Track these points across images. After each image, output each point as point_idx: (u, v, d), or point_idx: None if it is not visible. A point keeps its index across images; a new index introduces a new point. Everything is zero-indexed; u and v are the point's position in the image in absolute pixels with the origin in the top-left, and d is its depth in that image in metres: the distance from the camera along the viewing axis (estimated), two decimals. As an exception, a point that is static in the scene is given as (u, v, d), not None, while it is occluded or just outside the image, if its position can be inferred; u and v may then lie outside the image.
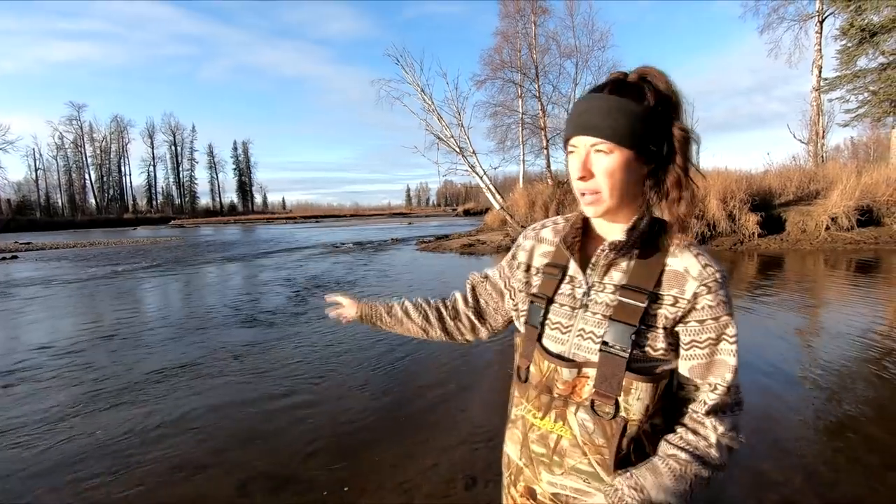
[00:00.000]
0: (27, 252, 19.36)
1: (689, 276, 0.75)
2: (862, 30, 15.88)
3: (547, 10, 22.01)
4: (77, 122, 63.77)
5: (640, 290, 0.75)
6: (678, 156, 0.74)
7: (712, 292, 0.74)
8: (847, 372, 3.51)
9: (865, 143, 29.74)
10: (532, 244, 0.95)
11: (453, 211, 64.55)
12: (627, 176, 0.74)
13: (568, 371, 0.79)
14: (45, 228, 45.32)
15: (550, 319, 0.84)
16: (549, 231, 0.93)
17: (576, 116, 0.76)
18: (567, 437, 0.79)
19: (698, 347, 0.76)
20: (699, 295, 0.74)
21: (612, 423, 0.75)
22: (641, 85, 0.74)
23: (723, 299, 0.74)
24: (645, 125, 0.72)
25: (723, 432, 0.75)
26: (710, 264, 0.75)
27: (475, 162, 17.09)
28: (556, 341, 0.82)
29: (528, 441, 0.85)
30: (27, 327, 6.03)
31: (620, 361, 0.74)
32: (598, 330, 0.78)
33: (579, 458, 0.79)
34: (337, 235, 23.59)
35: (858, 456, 2.41)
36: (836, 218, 10.74)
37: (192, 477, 2.42)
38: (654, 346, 0.75)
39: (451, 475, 2.35)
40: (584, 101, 0.76)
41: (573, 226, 0.86)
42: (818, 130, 17.49)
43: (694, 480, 0.74)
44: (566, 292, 0.84)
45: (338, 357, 4.21)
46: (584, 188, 0.76)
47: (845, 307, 5.61)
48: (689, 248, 0.77)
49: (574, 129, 0.76)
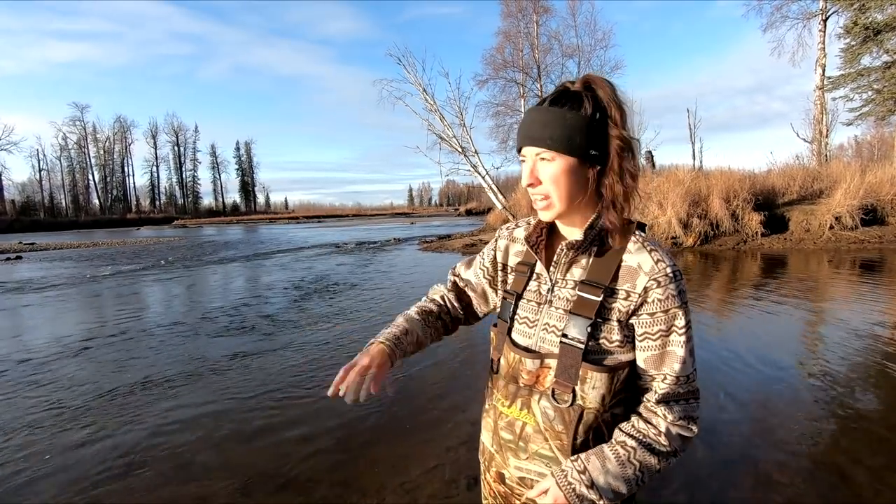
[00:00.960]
0: (31, 252, 19.44)
1: (642, 270, 0.79)
2: (866, 28, 15.81)
3: (549, 10, 22.03)
4: (80, 123, 64.07)
5: (597, 285, 0.81)
6: (614, 160, 0.78)
7: (661, 286, 0.77)
8: (852, 372, 3.49)
9: (869, 142, 29.61)
10: (506, 244, 1.01)
11: (455, 211, 64.55)
12: (573, 181, 0.80)
13: (531, 362, 0.85)
14: (48, 229, 45.52)
15: (519, 315, 0.90)
16: (521, 231, 0.99)
17: (521, 129, 0.83)
18: (531, 423, 0.85)
19: (650, 339, 0.79)
20: (649, 289, 0.78)
21: (570, 410, 0.80)
22: (582, 94, 0.79)
23: (672, 293, 0.78)
24: (583, 133, 0.77)
25: (672, 420, 0.79)
26: (661, 260, 0.79)
27: (477, 162, 17.09)
28: (524, 335, 0.89)
29: (498, 428, 0.91)
30: (24, 329, 6.05)
31: (577, 352, 0.79)
32: (559, 324, 0.83)
33: (541, 444, 0.84)
34: (339, 235, 23.61)
35: (863, 457, 2.39)
36: (840, 217, 10.68)
37: (193, 477, 2.43)
38: (609, 338, 0.80)
39: (454, 476, 2.34)
40: (527, 114, 0.83)
41: (536, 226, 0.92)
42: (822, 129, 17.41)
43: (640, 466, 0.78)
44: (533, 289, 0.90)
45: (339, 357, 4.21)
46: (535, 193, 0.83)
47: (849, 306, 5.58)
48: (644, 245, 0.81)
49: (520, 140, 0.83)
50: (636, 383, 0.84)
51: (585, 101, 0.78)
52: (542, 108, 0.81)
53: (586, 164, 0.79)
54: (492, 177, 17.63)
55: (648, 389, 0.82)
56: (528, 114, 0.83)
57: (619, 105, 0.79)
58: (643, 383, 0.82)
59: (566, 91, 0.81)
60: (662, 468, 0.80)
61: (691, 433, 0.80)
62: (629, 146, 0.79)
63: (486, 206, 28.87)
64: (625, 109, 0.79)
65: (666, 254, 0.81)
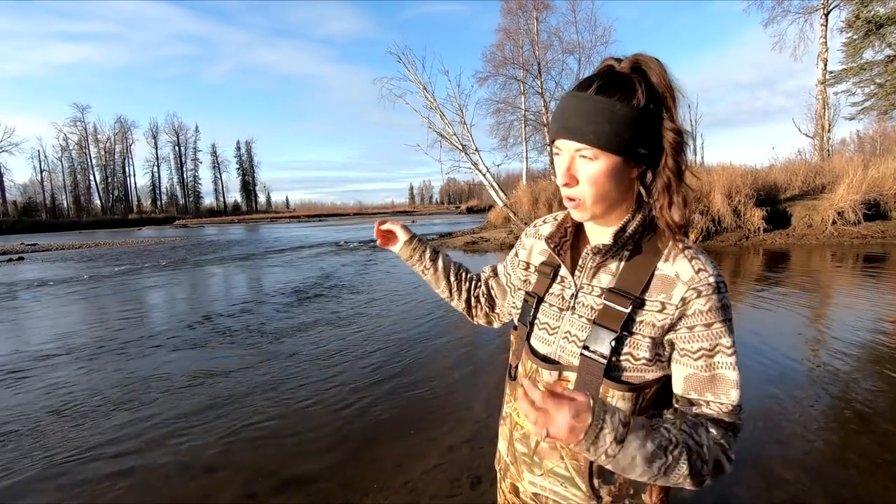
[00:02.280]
0: (33, 253, 19.47)
1: (679, 280, 0.70)
2: (868, 22, 15.73)
3: (549, 6, 21.94)
4: (81, 124, 64.08)
5: (626, 295, 0.72)
6: (669, 159, 0.69)
7: (703, 296, 0.68)
8: (857, 368, 3.47)
9: (872, 137, 29.42)
10: (532, 242, 0.94)
11: (456, 209, 64.53)
12: (614, 182, 0.70)
13: (548, 373, 0.78)
14: (50, 229, 45.57)
15: (539, 319, 0.83)
16: (548, 227, 0.91)
17: (560, 117, 0.71)
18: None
19: (690, 357, 0.70)
20: (688, 300, 0.68)
21: None
22: (632, 79, 0.68)
23: (716, 305, 0.68)
24: (633, 129, 0.67)
25: (715, 438, 0.68)
26: (704, 269, 0.69)
27: (478, 159, 17.05)
28: (543, 342, 0.81)
29: (513, 439, 0.86)
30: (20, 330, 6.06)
31: (598, 367, 0.71)
32: (581, 333, 0.76)
33: (557, 462, 0.78)
34: (341, 234, 23.61)
35: (870, 453, 2.37)
36: (843, 212, 10.64)
37: (198, 476, 2.42)
38: (635, 354, 0.71)
39: (457, 474, 2.33)
40: (570, 99, 0.70)
41: (561, 225, 0.84)
42: (824, 124, 17.32)
43: (670, 463, 0.63)
44: (556, 292, 0.83)
45: (343, 356, 4.20)
46: (568, 194, 0.73)
47: (853, 302, 5.56)
48: (684, 252, 0.72)
49: (556, 130, 0.72)
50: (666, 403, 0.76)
51: (638, 89, 0.67)
52: (587, 94, 0.68)
53: (631, 163, 0.70)
54: (492, 174, 17.62)
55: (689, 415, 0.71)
56: (570, 99, 0.70)
57: (672, 92, 0.68)
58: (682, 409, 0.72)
59: (611, 73, 0.70)
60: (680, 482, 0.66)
61: (726, 469, 0.68)
62: (685, 143, 0.69)
63: (488, 203, 28.80)
64: (677, 96, 0.69)
65: (709, 262, 0.71)
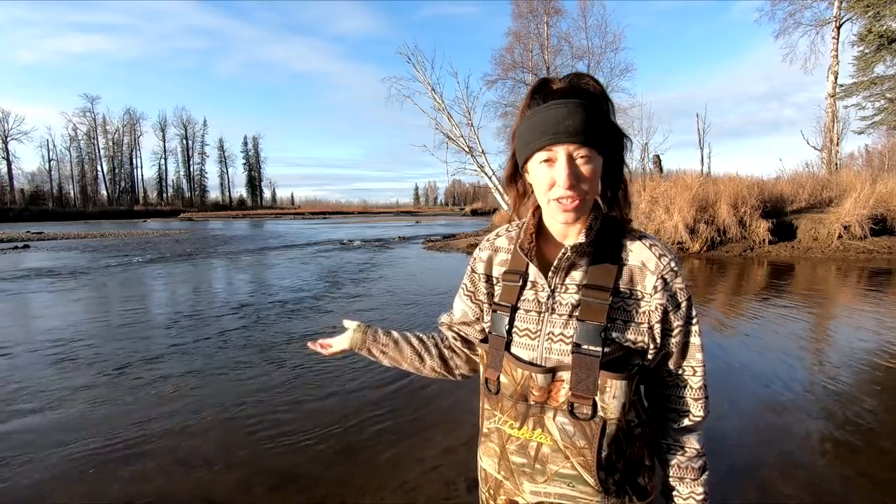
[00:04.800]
0: (39, 242, 19.60)
1: (647, 269, 0.77)
2: (880, 36, 15.65)
3: (560, 11, 21.96)
4: (91, 114, 64.72)
5: (603, 288, 0.77)
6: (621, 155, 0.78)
7: (671, 282, 0.77)
8: (859, 383, 3.45)
9: (880, 151, 29.23)
10: (489, 254, 0.93)
11: (461, 210, 64.59)
12: (599, 180, 0.77)
13: (542, 377, 0.78)
14: (56, 218, 45.90)
15: (517, 327, 0.83)
16: (503, 239, 0.93)
17: (552, 123, 0.72)
18: (547, 443, 0.79)
19: (671, 336, 0.79)
20: (659, 288, 0.76)
21: (591, 423, 0.76)
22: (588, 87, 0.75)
23: (680, 286, 0.78)
24: (606, 127, 0.75)
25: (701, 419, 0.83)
26: (664, 254, 0.78)
27: (484, 162, 17.07)
28: (527, 348, 0.81)
29: (507, 453, 0.84)
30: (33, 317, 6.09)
31: (593, 361, 0.75)
32: (567, 331, 0.78)
33: (562, 463, 0.78)
34: (344, 232, 23.66)
35: (870, 470, 2.35)
36: (849, 226, 10.57)
37: (194, 471, 2.42)
38: (622, 341, 0.76)
39: (453, 477, 2.33)
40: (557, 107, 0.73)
41: (527, 231, 0.85)
42: (832, 137, 17.26)
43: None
44: (530, 297, 0.83)
45: (342, 357, 4.19)
46: (566, 195, 0.74)
47: (856, 317, 5.52)
48: (640, 239, 0.80)
49: (551, 136, 0.72)
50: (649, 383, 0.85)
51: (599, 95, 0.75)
52: (573, 101, 0.73)
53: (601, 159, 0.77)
54: (498, 177, 17.60)
55: (674, 386, 0.82)
56: (559, 107, 0.72)
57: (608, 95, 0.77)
58: (669, 380, 0.83)
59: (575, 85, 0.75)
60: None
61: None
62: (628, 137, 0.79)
63: (492, 206, 28.84)
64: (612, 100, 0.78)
65: (664, 246, 0.80)
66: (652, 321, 0.77)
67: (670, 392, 0.83)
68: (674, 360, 0.81)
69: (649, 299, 0.76)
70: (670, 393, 0.83)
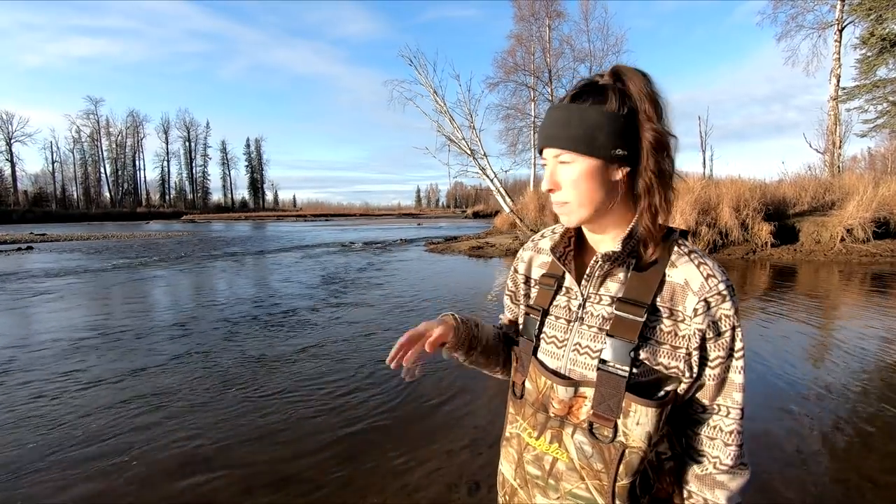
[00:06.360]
0: (42, 243, 19.67)
1: (690, 289, 0.70)
2: (882, 39, 15.64)
3: (562, 14, 22.00)
4: (94, 117, 65.04)
5: (638, 304, 0.71)
6: (650, 159, 0.70)
7: (715, 307, 0.69)
8: (862, 386, 3.44)
9: (883, 154, 29.17)
10: (531, 255, 0.92)
11: (463, 213, 64.62)
12: (595, 184, 0.72)
13: (564, 390, 0.75)
14: (60, 220, 46.08)
15: (546, 332, 0.81)
16: (547, 241, 0.90)
17: (540, 129, 0.77)
18: (563, 459, 0.75)
19: (709, 367, 0.71)
20: (699, 311, 0.69)
21: (611, 447, 0.71)
22: (605, 87, 0.71)
23: (726, 313, 0.69)
24: (607, 130, 0.69)
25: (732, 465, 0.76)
26: (712, 275, 0.70)
27: (486, 164, 17.08)
28: (552, 356, 0.79)
29: (524, 461, 0.81)
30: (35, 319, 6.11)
31: (619, 381, 0.69)
32: (594, 344, 0.74)
33: (576, 483, 0.74)
34: (346, 234, 23.68)
35: (875, 475, 2.34)
36: (852, 229, 10.55)
37: (195, 474, 2.43)
38: (652, 364, 0.70)
39: (455, 479, 2.33)
40: (548, 112, 0.76)
41: (563, 235, 0.84)
42: (835, 140, 17.21)
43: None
44: (562, 304, 0.81)
45: (344, 358, 4.22)
46: (555, 199, 0.76)
47: (859, 321, 5.50)
48: (690, 256, 0.72)
49: (540, 141, 0.77)
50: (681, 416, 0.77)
51: (611, 94, 0.70)
52: (563, 105, 0.73)
53: (613, 165, 0.71)
54: (500, 180, 17.61)
55: (702, 424, 0.75)
56: (549, 112, 0.75)
57: (652, 98, 0.70)
58: (699, 417, 0.75)
59: (592, 85, 0.73)
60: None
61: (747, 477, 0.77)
62: (665, 143, 0.70)
63: (494, 209, 28.83)
64: (660, 103, 0.71)
65: (716, 266, 0.71)
66: (690, 347, 0.70)
67: (698, 430, 0.76)
68: (708, 394, 0.73)
69: (689, 322, 0.69)
70: (698, 431, 0.76)
